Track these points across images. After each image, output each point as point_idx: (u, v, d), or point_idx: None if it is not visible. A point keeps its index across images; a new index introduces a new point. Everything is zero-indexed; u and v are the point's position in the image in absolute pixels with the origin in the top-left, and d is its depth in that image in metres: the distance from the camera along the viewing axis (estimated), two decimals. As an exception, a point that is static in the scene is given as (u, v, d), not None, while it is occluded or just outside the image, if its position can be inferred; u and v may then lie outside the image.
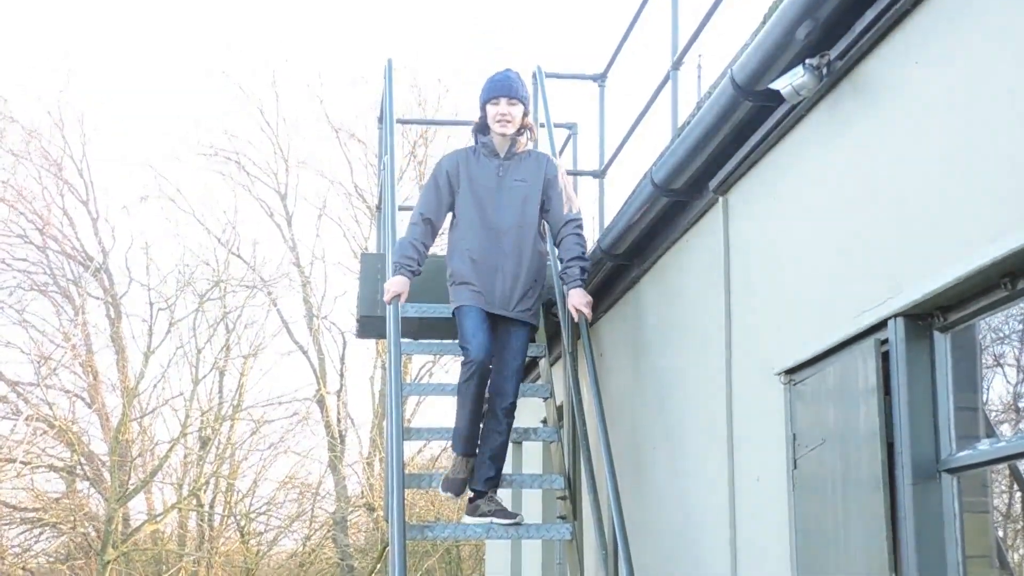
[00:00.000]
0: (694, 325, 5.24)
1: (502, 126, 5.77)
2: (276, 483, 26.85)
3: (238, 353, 25.73)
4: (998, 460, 3.11)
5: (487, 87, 5.84)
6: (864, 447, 3.48)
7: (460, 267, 5.78)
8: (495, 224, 5.76)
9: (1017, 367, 3.45)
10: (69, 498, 23.89)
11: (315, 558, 27.59)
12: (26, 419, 22.35)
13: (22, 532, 24.10)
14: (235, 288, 25.37)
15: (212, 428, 25.21)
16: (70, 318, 24.12)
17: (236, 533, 27.32)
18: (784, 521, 4.11)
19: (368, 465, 26.26)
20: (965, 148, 3.08)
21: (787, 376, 4.13)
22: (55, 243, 24.23)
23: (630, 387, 6.18)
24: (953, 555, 3.21)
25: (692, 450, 5.20)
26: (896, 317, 3.35)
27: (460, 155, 5.95)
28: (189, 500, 25.27)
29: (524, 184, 5.80)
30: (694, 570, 5.10)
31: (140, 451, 24.15)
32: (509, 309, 5.72)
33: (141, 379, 23.77)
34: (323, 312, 26.49)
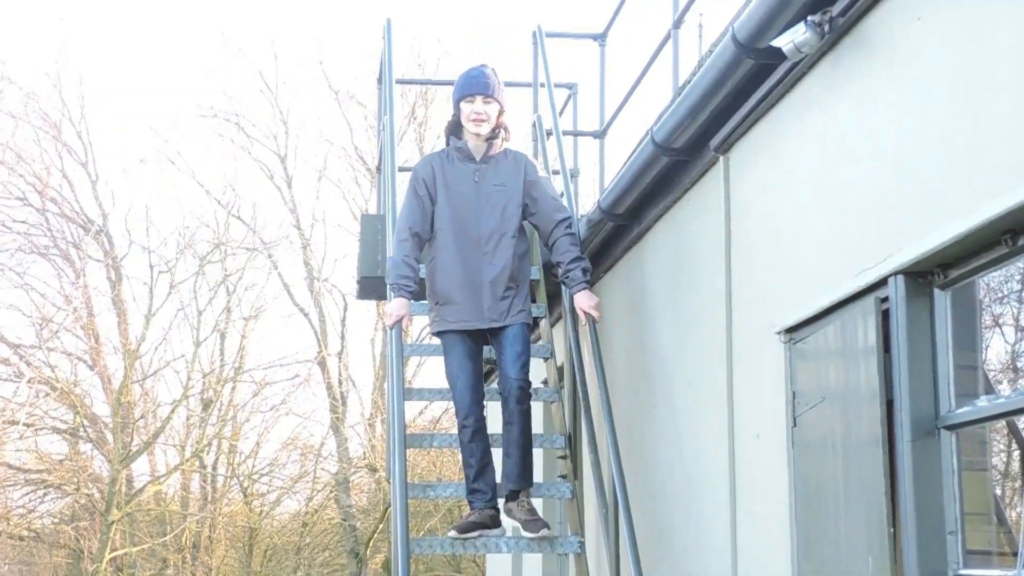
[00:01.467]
0: (694, 284, 5.24)
1: (477, 125, 5.52)
2: (278, 444, 26.97)
3: (239, 315, 25.77)
4: (997, 416, 3.12)
5: (461, 83, 5.59)
6: (864, 404, 3.49)
7: (442, 285, 5.54)
8: (475, 233, 5.52)
9: (1016, 326, 3.46)
10: (72, 460, 24.01)
11: (318, 519, 27.75)
12: (28, 381, 22.42)
13: (26, 493, 24.24)
14: (235, 250, 25.36)
15: (214, 390, 25.29)
16: (71, 281, 24.14)
17: (239, 494, 27.47)
18: (784, 478, 4.13)
19: (370, 426, 26.36)
20: (967, 105, 3.07)
21: (787, 335, 4.14)
22: (55, 206, 24.21)
23: (630, 347, 6.19)
24: (951, 511, 3.23)
25: (692, 409, 5.22)
26: (896, 275, 3.35)
27: (434, 160, 5.67)
28: (192, 462, 25.39)
29: (503, 189, 5.56)
30: (694, 527, 5.13)
31: (142, 413, 24.24)
32: (502, 320, 5.50)
33: (142, 341, 23.82)
34: (324, 274, 26.48)
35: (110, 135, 36.62)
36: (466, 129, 5.55)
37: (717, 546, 4.81)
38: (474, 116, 5.50)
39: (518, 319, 5.52)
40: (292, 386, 26.18)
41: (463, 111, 5.54)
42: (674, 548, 5.39)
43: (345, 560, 26.27)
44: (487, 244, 5.51)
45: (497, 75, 5.61)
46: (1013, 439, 3.69)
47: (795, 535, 4.02)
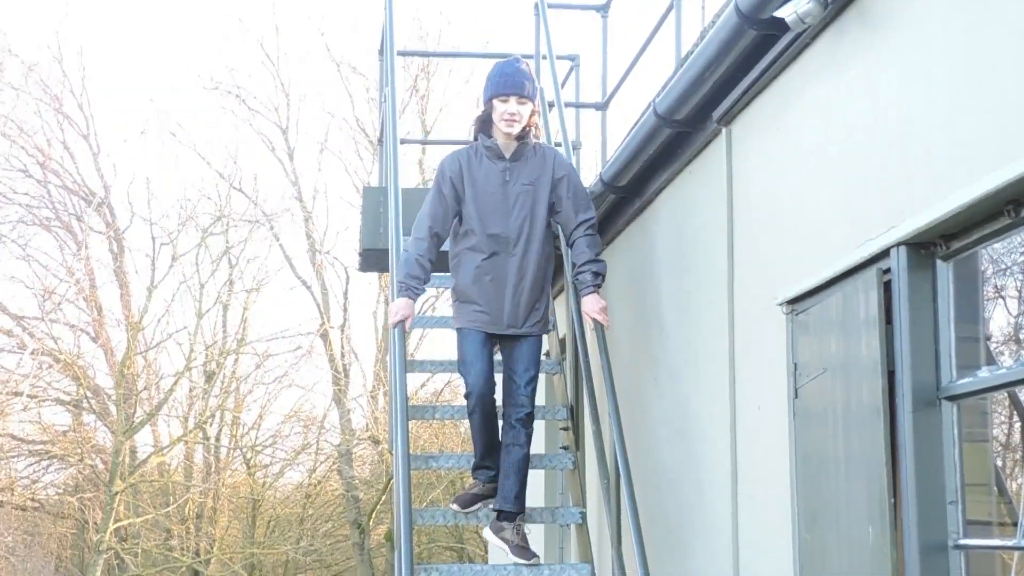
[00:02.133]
0: (696, 256, 5.24)
1: (509, 125, 5.31)
2: (281, 416, 27.07)
3: (241, 288, 25.81)
4: (998, 387, 3.13)
5: (496, 81, 5.34)
6: (865, 375, 3.50)
7: (465, 284, 5.41)
8: (502, 234, 5.36)
9: (1019, 297, 3.46)
10: (76, 431, 24.11)
11: (321, 490, 27.87)
12: (31, 353, 22.47)
13: (30, 464, 24.35)
14: (237, 223, 25.36)
15: (217, 362, 25.35)
16: (73, 252, 24.16)
17: (242, 465, 27.58)
18: (785, 449, 4.14)
19: (372, 398, 26.43)
20: (971, 76, 3.07)
21: (789, 306, 4.14)
22: (56, 177, 24.20)
23: (632, 318, 6.20)
24: (952, 481, 3.25)
25: (694, 380, 5.23)
26: (899, 246, 3.35)
27: (462, 157, 5.47)
28: (195, 433, 25.47)
29: (531, 188, 5.38)
30: (695, 498, 5.15)
31: (145, 385, 24.31)
32: (519, 327, 5.39)
33: (145, 313, 23.86)
34: (325, 247, 26.49)
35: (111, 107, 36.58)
36: (496, 127, 5.37)
37: (718, 516, 4.83)
38: (507, 116, 5.30)
39: (534, 330, 5.42)
40: (294, 358, 26.24)
41: (496, 109, 5.33)
42: (675, 519, 5.41)
43: (348, 531, 26.39)
44: (515, 246, 5.36)
45: (531, 72, 5.43)
46: (1014, 410, 3.71)
47: (796, 506, 4.04)
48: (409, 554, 4.86)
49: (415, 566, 4.96)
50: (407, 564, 4.83)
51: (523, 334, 5.40)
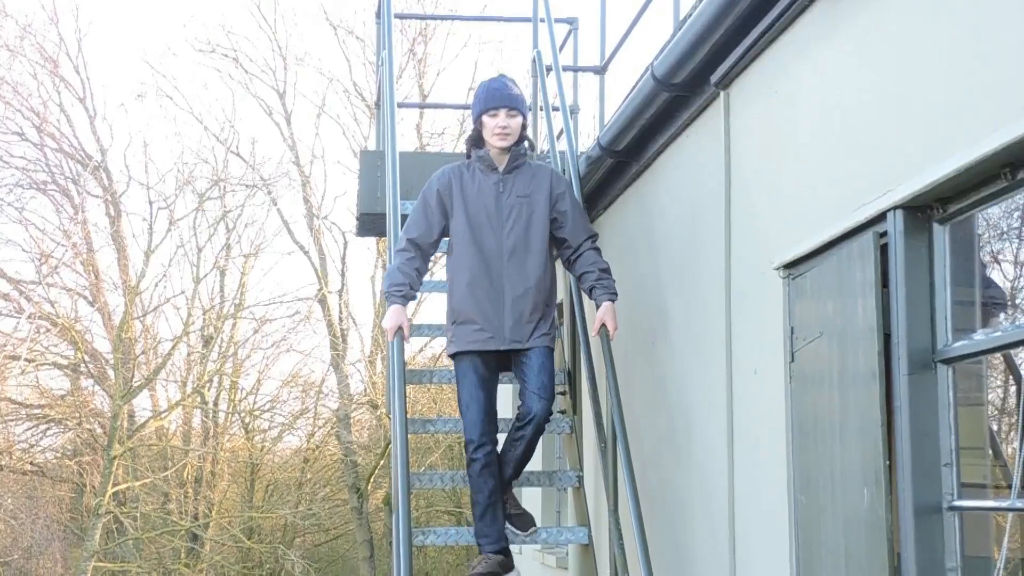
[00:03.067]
0: (693, 220, 5.24)
1: (501, 139, 5.24)
2: (279, 381, 27.16)
3: (239, 252, 25.83)
4: (993, 350, 3.14)
5: (483, 96, 5.29)
6: (861, 339, 3.51)
7: (460, 303, 5.24)
8: (496, 248, 5.23)
9: (1015, 261, 3.46)
10: (74, 395, 24.17)
11: (319, 454, 27.99)
12: (28, 317, 22.50)
13: (28, 428, 24.44)
14: (235, 187, 25.35)
15: (214, 327, 25.39)
16: (70, 216, 24.15)
17: (240, 430, 27.69)
18: (781, 413, 4.16)
19: (370, 363, 26.48)
20: (968, 38, 3.06)
21: (786, 270, 4.15)
22: (52, 141, 24.15)
23: (629, 283, 6.20)
24: (947, 444, 3.26)
25: (691, 344, 5.25)
26: (895, 209, 3.35)
27: (453, 172, 5.35)
28: (193, 397, 25.55)
29: (527, 200, 5.27)
30: (692, 461, 5.18)
31: (143, 349, 24.36)
32: (524, 341, 5.21)
33: (142, 278, 23.89)
34: (323, 212, 26.49)
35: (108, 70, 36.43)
36: (489, 143, 5.29)
37: (715, 479, 4.86)
38: (498, 130, 5.23)
39: (541, 342, 5.24)
40: (292, 323, 26.31)
41: (486, 125, 5.27)
42: (672, 482, 5.44)
43: (347, 495, 26.53)
44: (510, 259, 5.23)
45: (518, 85, 5.36)
46: (1010, 373, 3.72)
47: (792, 468, 4.06)
48: (407, 518, 4.89)
49: (413, 529, 4.99)
50: (405, 527, 4.86)
51: (530, 347, 5.21)
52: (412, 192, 6.97)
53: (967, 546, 3.27)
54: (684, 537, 5.26)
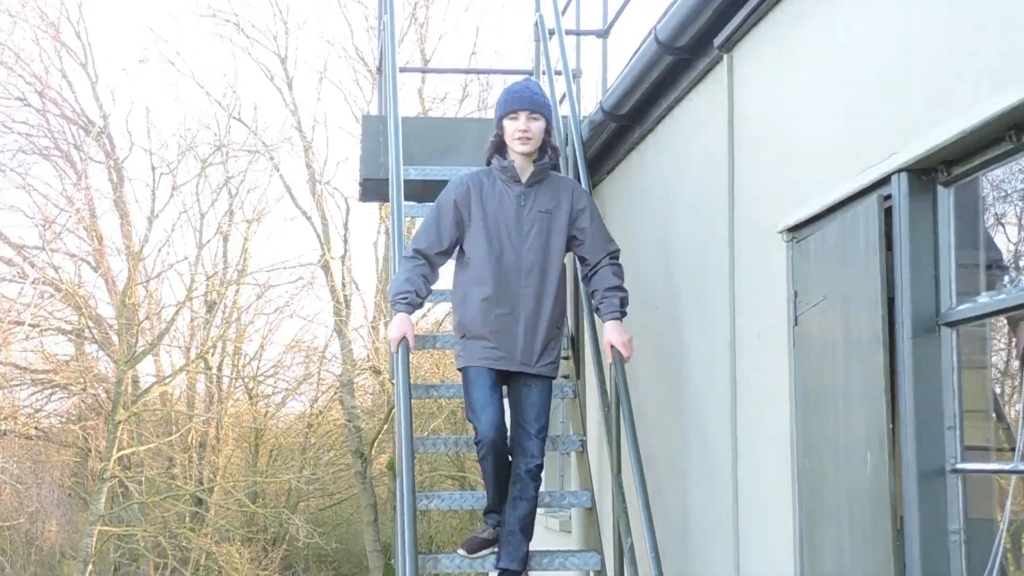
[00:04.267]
0: (697, 184, 5.23)
1: (522, 143, 5.00)
2: (283, 347, 27.23)
3: (241, 218, 25.82)
4: (997, 312, 3.13)
5: (504, 100, 5.07)
6: (865, 302, 3.51)
7: (472, 318, 5.02)
8: (515, 264, 5.01)
9: (1019, 225, 3.45)
10: (78, 360, 24.24)
11: (322, 419, 28.10)
12: (32, 282, 22.53)
13: (33, 393, 24.52)
14: (237, 153, 25.31)
15: (218, 292, 25.42)
16: (72, 182, 24.13)
17: (244, 395, 27.78)
18: (784, 377, 4.16)
19: (373, 329, 26.51)
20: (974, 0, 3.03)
21: (789, 234, 4.14)
22: (55, 106, 24.09)
23: (633, 247, 6.19)
24: (950, 407, 3.26)
25: (694, 308, 5.24)
26: (900, 172, 3.34)
27: (472, 180, 5.10)
28: (197, 363, 25.62)
29: (548, 216, 5.04)
30: (695, 425, 5.19)
31: (147, 314, 24.40)
32: (532, 365, 5.02)
33: (145, 243, 23.90)
34: (326, 177, 26.45)
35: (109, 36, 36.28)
36: (511, 148, 5.06)
37: (718, 443, 4.87)
38: (519, 134, 4.99)
39: (546, 371, 5.06)
40: (295, 289, 26.36)
41: (506, 129, 5.04)
42: (675, 446, 5.45)
43: (350, 460, 26.63)
44: (528, 276, 5.02)
45: (542, 89, 5.13)
46: (1013, 337, 3.72)
47: (795, 432, 4.07)
48: (411, 482, 4.89)
49: (417, 494, 5.01)
50: (409, 492, 4.86)
51: (535, 374, 5.04)
52: (415, 157, 6.95)
53: (970, 509, 3.28)
54: (687, 501, 5.28)
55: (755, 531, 4.50)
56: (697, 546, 5.13)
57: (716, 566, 4.86)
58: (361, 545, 27.44)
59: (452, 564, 5.29)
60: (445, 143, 7.16)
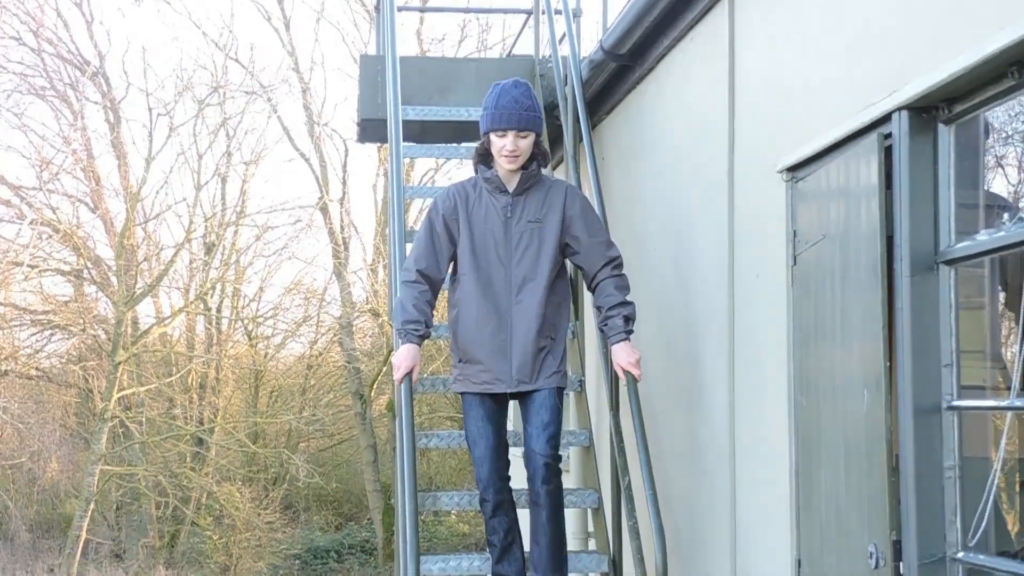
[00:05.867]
0: (697, 125, 5.21)
1: (509, 161, 4.71)
2: (282, 289, 27.27)
3: (240, 160, 25.74)
4: (996, 250, 3.14)
5: (491, 114, 4.71)
6: (864, 241, 3.51)
7: (464, 339, 4.78)
8: (504, 280, 4.76)
9: (1019, 165, 3.45)
10: (77, 301, 24.28)
11: (322, 361, 28.20)
12: (30, 223, 22.51)
13: (33, 334, 24.60)
14: (234, 94, 25.17)
15: (216, 234, 25.40)
16: (69, 123, 24.03)
17: (244, 337, 27.85)
18: (782, 316, 4.17)
19: (372, 271, 26.53)
20: (979, -65, 3.01)
21: (789, 173, 4.13)
22: (50, 46, 23.91)
23: (632, 189, 6.19)
24: (947, 345, 3.28)
25: (693, 249, 5.24)
26: (900, 110, 3.33)
27: (458, 193, 4.84)
28: (196, 304, 25.66)
29: (538, 226, 4.76)
30: (693, 364, 5.21)
31: (146, 256, 24.42)
32: (531, 382, 4.74)
33: (143, 184, 23.85)
34: (324, 119, 26.35)
35: (104, -26, 35.89)
36: (497, 162, 4.79)
37: (716, 383, 4.90)
38: (506, 152, 4.70)
39: (550, 383, 4.76)
40: (294, 231, 26.37)
41: (493, 143, 4.74)
42: (673, 384, 5.48)
43: (350, 401, 26.76)
44: (520, 291, 4.75)
45: (531, 94, 4.76)
46: (1011, 276, 3.72)
47: (792, 371, 4.09)
48: (410, 422, 4.90)
49: (416, 433, 5.04)
50: (409, 431, 4.88)
51: (537, 388, 4.76)
52: (413, 98, 6.92)
53: (965, 446, 3.30)
54: (685, 440, 5.31)
55: (752, 467, 4.54)
56: (694, 484, 5.18)
57: (713, 504, 4.91)
58: (361, 485, 27.66)
59: (451, 502, 5.34)
60: (443, 84, 7.13)
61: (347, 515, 28.87)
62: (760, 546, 4.45)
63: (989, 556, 3.22)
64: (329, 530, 28.02)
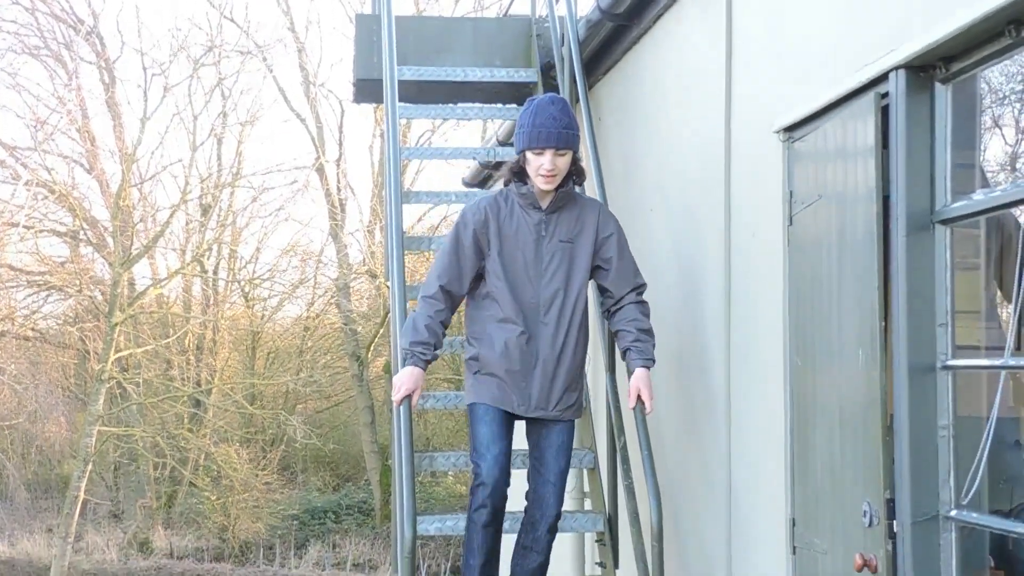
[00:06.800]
0: (694, 85, 5.19)
1: (547, 181, 4.53)
2: (278, 250, 27.28)
3: (235, 120, 25.65)
4: (991, 209, 3.14)
5: (528, 132, 4.52)
6: (860, 201, 3.51)
7: (487, 354, 4.60)
8: (534, 298, 4.59)
9: (1016, 126, 3.44)
10: (74, 262, 24.27)
11: (319, 323, 28.25)
12: (26, 184, 22.45)
13: (29, 295, 24.60)
14: (229, 53, 25.05)
15: (212, 195, 25.36)
16: (64, 82, 23.92)
17: (240, 299, 27.87)
18: (778, 276, 4.18)
19: (369, 233, 26.52)
20: None
21: (786, 133, 4.12)
22: (44, 5, 23.75)
23: (629, 150, 6.17)
24: (942, 304, 3.28)
25: (690, 210, 5.24)
26: (897, 69, 3.32)
27: (490, 206, 4.65)
28: (192, 266, 25.66)
29: (570, 246, 4.61)
30: (690, 323, 5.22)
31: (141, 217, 24.39)
32: (548, 409, 4.60)
33: (139, 145, 23.77)
34: (320, 80, 26.24)
35: (97, -67, 35.62)
36: (532, 180, 4.59)
37: (712, 341, 4.91)
38: (543, 171, 4.51)
39: (567, 415, 4.65)
40: (291, 192, 26.36)
41: (530, 162, 4.54)
42: (670, 342, 5.49)
43: (347, 363, 26.83)
44: (548, 312, 4.60)
45: (570, 111, 4.57)
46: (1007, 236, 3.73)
47: (788, 331, 4.09)
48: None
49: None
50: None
51: (552, 418, 4.63)
52: (409, 57, 6.88)
53: (959, 405, 3.31)
54: (681, 400, 5.33)
55: (747, 428, 4.56)
56: (690, 444, 5.20)
57: (709, 463, 4.93)
58: (358, 446, 27.79)
59: (448, 463, 5.36)
60: (440, 43, 7.09)
61: (344, 476, 29.03)
62: (755, 506, 4.48)
63: (982, 514, 3.24)
64: (327, 491, 28.18)
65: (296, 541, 25.76)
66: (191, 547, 25.57)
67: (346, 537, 25.61)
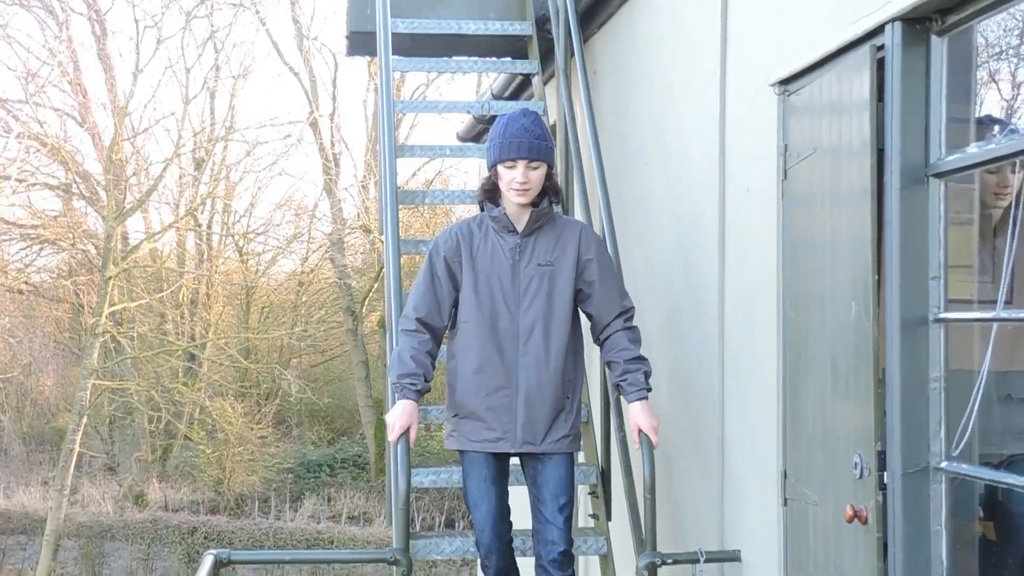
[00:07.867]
0: (689, 38, 5.16)
1: (519, 195, 4.35)
2: (272, 205, 27.24)
3: (228, 74, 25.51)
4: (986, 162, 3.14)
5: (499, 144, 4.36)
6: (855, 155, 3.50)
7: (464, 392, 4.41)
8: (511, 329, 4.38)
9: (1012, 80, 3.43)
10: (67, 216, 24.21)
11: (314, 278, 28.27)
12: (17, 137, 22.34)
13: (22, 248, 24.57)
14: (222, 6, 24.87)
15: (205, 149, 25.28)
16: (54, 34, 23.73)
17: (234, 253, 27.85)
18: (773, 230, 4.18)
19: (363, 188, 26.46)
20: None
21: (780, 87, 4.11)
22: (34, -44, 23.53)
23: (624, 104, 6.15)
24: (935, 257, 3.29)
25: (684, 164, 5.23)
26: (893, 21, 3.30)
27: (462, 233, 4.46)
28: (186, 220, 25.62)
29: (549, 270, 4.40)
30: (684, 278, 5.23)
31: (134, 171, 24.30)
32: (537, 444, 4.39)
33: (131, 98, 23.66)
34: (313, 33, 26.09)
35: None
36: (505, 196, 4.42)
37: (706, 295, 4.92)
38: (516, 185, 4.33)
39: (560, 447, 4.42)
40: (284, 147, 26.29)
41: (501, 176, 4.37)
42: (664, 297, 5.50)
43: (342, 318, 26.87)
44: (527, 343, 4.38)
45: (541, 122, 4.42)
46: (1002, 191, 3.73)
47: (782, 284, 4.10)
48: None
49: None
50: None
51: (543, 452, 4.42)
52: (402, 10, 6.84)
53: (951, 359, 3.33)
54: (674, 354, 5.35)
55: (740, 382, 4.58)
56: (683, 397, 5.22)
57: (703, 417, 4.96)
58: (353, 400, 27.89)
59: (442, 416, 5.38)
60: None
61: (339, 430, 29.17)
62: (747, 458, 4.51)
63: (972, 466, 3.27)
64: (321, 445, 28.32)
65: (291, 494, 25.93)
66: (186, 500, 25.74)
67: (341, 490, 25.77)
